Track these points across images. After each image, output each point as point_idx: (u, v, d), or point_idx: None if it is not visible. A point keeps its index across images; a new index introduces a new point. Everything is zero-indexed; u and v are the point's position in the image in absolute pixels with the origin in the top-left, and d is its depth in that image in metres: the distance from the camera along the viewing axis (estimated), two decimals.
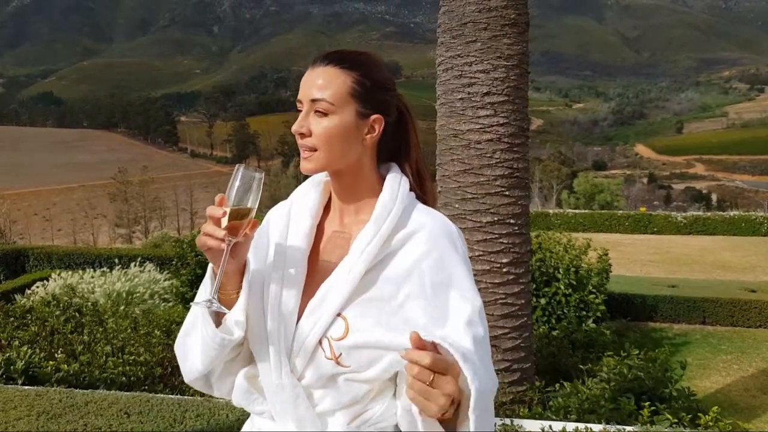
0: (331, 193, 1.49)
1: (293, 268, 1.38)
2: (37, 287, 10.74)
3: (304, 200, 1.48)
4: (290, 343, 1.35)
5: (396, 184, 1.40)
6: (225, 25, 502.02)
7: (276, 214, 1.50)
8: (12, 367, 5.01)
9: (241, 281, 1.33)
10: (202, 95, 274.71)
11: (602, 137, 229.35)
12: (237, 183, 1.25)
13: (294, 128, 1.34)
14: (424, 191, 1.48)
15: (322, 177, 1.51)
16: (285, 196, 1.54)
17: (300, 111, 1.36)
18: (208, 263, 1.33)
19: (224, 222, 1.23)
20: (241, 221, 1.24)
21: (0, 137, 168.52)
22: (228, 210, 1.23)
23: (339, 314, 1.31)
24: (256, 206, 1.27)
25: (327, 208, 1.49)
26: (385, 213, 1.35)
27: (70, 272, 11.28)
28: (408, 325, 1.26)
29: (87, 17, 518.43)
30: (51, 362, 5.07)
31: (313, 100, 1.32)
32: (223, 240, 1.23)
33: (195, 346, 1.37)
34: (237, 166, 1.27)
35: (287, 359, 1.36)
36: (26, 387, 4.11)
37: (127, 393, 4.05)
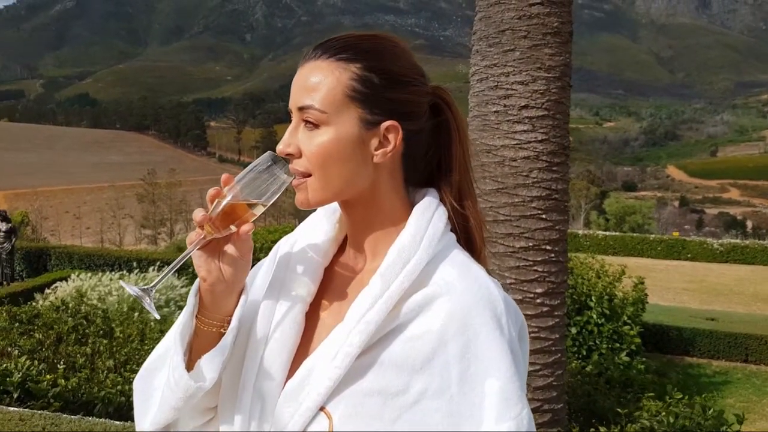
0: None
1: (284, 327, 1.01)
2: (55, 287, 10.59)
3: (312, 235, 1.10)
4: (268, 429, 0.99)
5: (424, 219, 0.99)
6: (257, 33, 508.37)
7: (283, 248, 1.12)
8: (8, 380, 4.73)
9: (231, 313, 0.99)
10: (232, 101, 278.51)
11: (633, 157, 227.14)
12: (254, 172, 0.97)
13: (279, 148, 0.98)
14: (466, 229, 1.05)
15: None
16: (302, 216, 1.14)
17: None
18: (228, 271, 0.99)
19: (214, 207, 0.96)
20: (233, 217, 0.96)
21: (37, 136, 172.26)
22: (227, 197, 0.95)
23: (322, 408, 0.94)
24: (263, 210, 0.98)
25: (344, 243, 1.11)
26: (400, 263, 0.95)
27: (89, 273, 11.13)
28: None
29: (125, 22, 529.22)
30: (48, 376, 4.77)
31: (301, 108, 0.97)
32: (201, 225, 0.94)
33: (160, 388, 1.03)
34: (267, 154, 0.98)
35: None
36: (11, 408, 3.80)
37: (118, 423, 3.70)
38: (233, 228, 0.95)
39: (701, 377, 9.14)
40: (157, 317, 0.99)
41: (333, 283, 1.06)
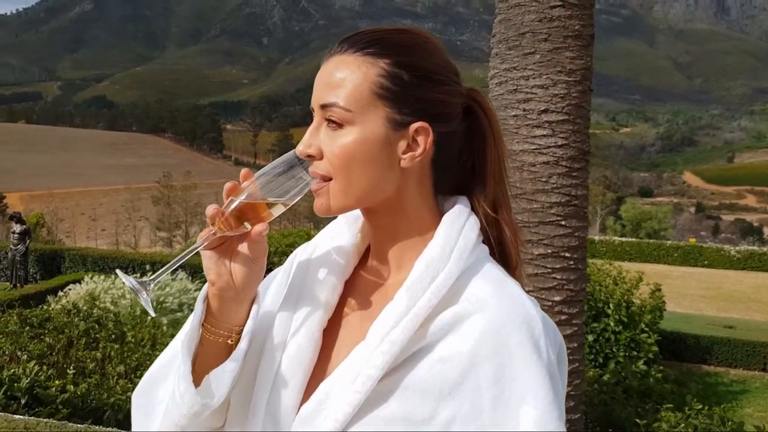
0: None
1: (300, 344, 0.92)
2: (67, 291, 10.60)
3: (332, 244, 1.01)
4: None
5: (454, 229, 0.90)
6: (274, 37, 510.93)
7: (300, 257, 1.03)
8: (16, 385, 4.69)
9: (240, 323, 0.91)
10: (248, 105, 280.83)
11: (649, 163, 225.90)
12: (276, 171, 0.89)
13: (299, 148, 0.90)
14: (501, 242, 0.96)
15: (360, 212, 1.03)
16: (318, 220, 1.04)
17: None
18: (239, 275, 0.92)
19: (229, 203, 0.88)
20: (248, 215, 0.88)
21: (54, 137, 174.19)
22: (244, 194, 0.88)
23: None
24: (282, 210, 0.90)
25: (367, 253, 1.02)
26: (428, 277, 0.87)
27: (102, 276, 11.14)
28: None
29: (142, 25, 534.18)
30: (57, 382, 4.72)
31: (324, 106, 0.89)
32: (213, 221, 0.87)
33: (164, 401, 0.95)
34: (292, 152, 0.91)
35: None
36: (17, 417, 3.74)
37: None
38: (247, 227, 0.88)
39: (719, 386, 8.99)
40: (152, 314, 0.90)
41: (354, 297, 0.98)
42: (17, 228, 14.29)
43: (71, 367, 5.15)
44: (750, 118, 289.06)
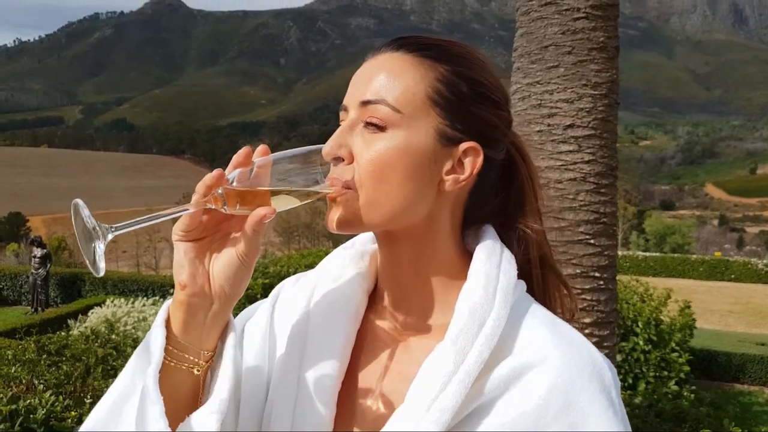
0: (378, 270, 0.86)
1: (315, 413, 0.77)
2: (91, 312, 10.56)
3: (338, 285, 0.85)
4: None
5: (492, 266, 0.76)
6: (291, 57, 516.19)
7: (291, 295, 0.88)
8: (32, 416, 4.59)
9: (210, 348, 0.75)
10: (266, 125, 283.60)
11: (670, 176, 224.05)
12: (291, 163, 0.75)
13: (326, 149, 0.75)
14: (546, 286, 0.85)
15: (368, 242, 0.87)
16: (336, 238, 0.87)
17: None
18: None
19: (232, 174, 0.74)
20: (247, 199, 0.72)
21: (76, 161, 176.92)
22: (252, 169, 0.75)
23: None
24: (284, 208, 0.74)
25: (375, 296, 0.87)
26: (475, 326, 0.72)
27: (123, 299, 11.09)
28: None
29: (161, 48, 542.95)
30: (74, 413, 4.61)
31: (366, 103, 0.75)
32: (212, 187, 0.71)
33: None
34: (315, 149, 0.76)
35: None
36: None
37: None
38: (239, 209, 0.71)
39: (754, 406, 8.68)
40: (100, 272, 0.69)
41: (368, 348, 0.83)
42: (38, 252, 14.35)
43: (88, 396, 5.05)
44: None
